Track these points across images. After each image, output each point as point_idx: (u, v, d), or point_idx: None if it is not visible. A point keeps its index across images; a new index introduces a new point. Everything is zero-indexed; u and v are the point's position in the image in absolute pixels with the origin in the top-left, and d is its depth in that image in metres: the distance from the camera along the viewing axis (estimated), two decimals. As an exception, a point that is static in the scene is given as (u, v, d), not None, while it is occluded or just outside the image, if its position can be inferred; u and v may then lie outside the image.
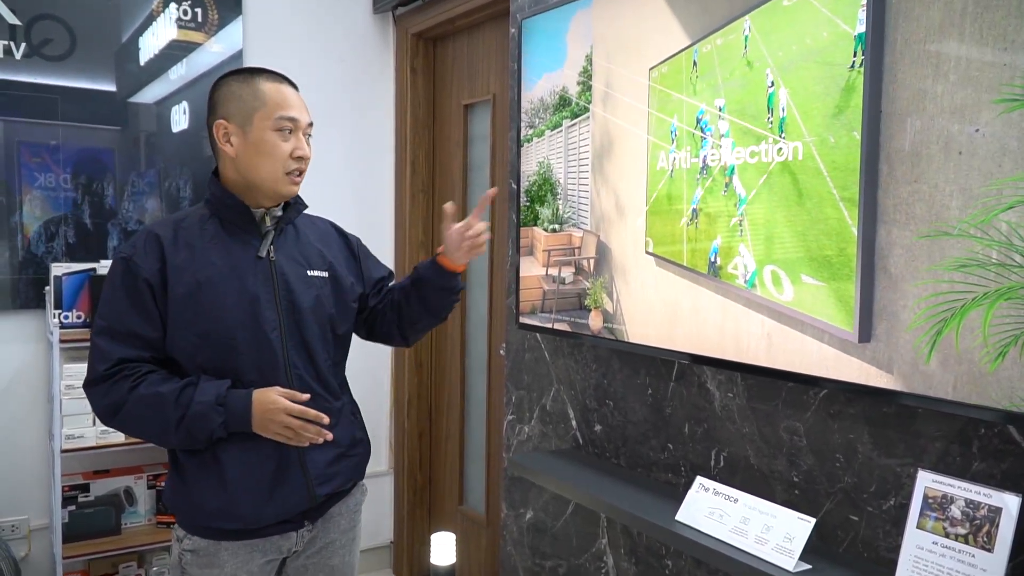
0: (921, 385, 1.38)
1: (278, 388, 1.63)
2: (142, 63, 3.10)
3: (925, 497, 1.38)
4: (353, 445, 1.81)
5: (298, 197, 1.78)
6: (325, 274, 1.78)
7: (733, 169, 1.69)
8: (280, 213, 1.74)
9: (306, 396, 1.63)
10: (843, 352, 1.50)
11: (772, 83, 1.59)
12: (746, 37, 1.63)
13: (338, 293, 1.80)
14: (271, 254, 1.70)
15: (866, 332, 1.45)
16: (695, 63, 1.76)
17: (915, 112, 1.37)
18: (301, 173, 1.71)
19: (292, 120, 1.67)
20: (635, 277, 1.95)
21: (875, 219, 1.43)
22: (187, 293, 1.62)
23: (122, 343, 1.61)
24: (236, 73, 1.72)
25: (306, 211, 1.85)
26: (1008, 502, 1.27)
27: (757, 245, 1.64)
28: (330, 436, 1.65)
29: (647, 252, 1.91)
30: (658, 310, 1.90)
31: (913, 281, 1.38)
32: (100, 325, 1.64)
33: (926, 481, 1.38)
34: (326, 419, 1.63)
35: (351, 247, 1.90)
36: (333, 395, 1.77)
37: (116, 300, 1.63)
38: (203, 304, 1.62)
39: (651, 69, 1.87)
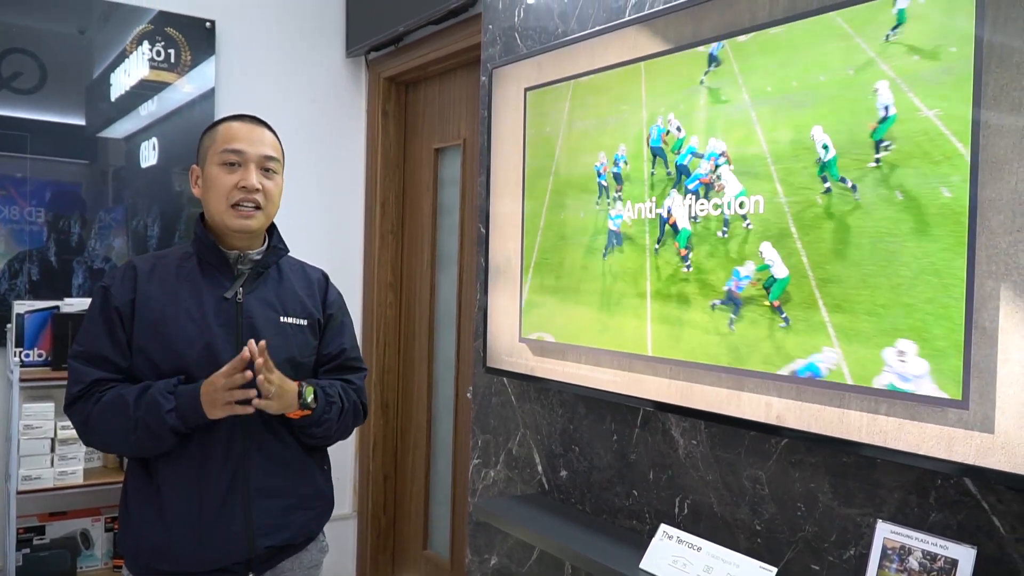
0: None
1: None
2: (112, 99, 3.10)
3: (884, 548, 1.40)
4: (309, 498, 1.76)
5: (280, 240, 1.78)
6: (303, 322, 1.76)
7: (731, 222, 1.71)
8: (258, 257, 1.74)
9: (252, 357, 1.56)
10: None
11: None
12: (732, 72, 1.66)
13: (312, 343, 1.78)
14: (238, 296, 1.69)
15: (966, 396, 1.33)
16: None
17: (1016, 159, 1.27)
18: (257, 207, 1.68)
19: (236, 152, 1.67)
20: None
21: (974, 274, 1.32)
22: (149, 326, 1.64)
23: (95, 367, 1.65)
24: (217, 121, 1.75)
25: (301, 259, 1.86)
26: (964, 554, 1.30)
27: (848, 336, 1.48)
28: (253, 393, 1.56)
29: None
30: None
31: (1014, 336, 1.27)
32: (76, 349, 1.67)
33: (885, 532, 1.41)
34: (249, 375, 1.54)
35: (324, 309, 1.83)
36: (287, 442, 1.71)
37: (92, 326, 1.67)
38: (162, 339, 1.64)
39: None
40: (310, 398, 1.67)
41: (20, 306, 2.78)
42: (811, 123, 1.53)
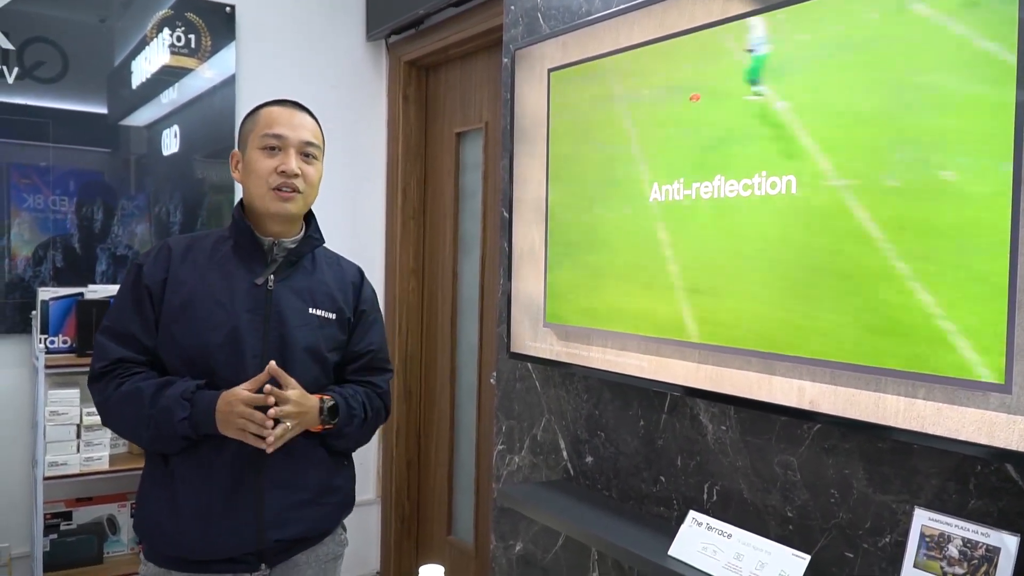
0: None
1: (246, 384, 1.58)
2: (134, 86, 3.09)
3: (922, 535, 1.37)
4: (324, 493, 1.73)
5: (316, 230, 1.78)
6: (332, 315, 1.74)
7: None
8: (292, 245, 1.72)
9: (271, 399, 1.56)
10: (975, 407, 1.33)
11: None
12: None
13: (339, 338, 1.76)
14: (269, 283, 1.68)
15: (1009, 379, 1.28)
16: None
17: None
18: (294, 191, 1.67)
19: (277, 136, 1.67)
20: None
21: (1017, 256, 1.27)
22: (177, 306, 1.64)
23: (120, 344, 1.65)
24: (258, 105, 1.74)
25: (339, 253, 1.86)
26: (1007, 542, 1.26)
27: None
28: (270, 423, 1.55)
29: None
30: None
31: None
32: (104, 324, 1.68)
33: (923, 519, 1.37)
34: (270, 422, 1.55)
35: (357, 305, 1.82)
36: (308, 433, 1.68)
37: (122, 302, 1.68)
38: (188, 321, 1.63)
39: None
40: (333, 419, 1.68)
41: (45, 293, 2.79)
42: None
